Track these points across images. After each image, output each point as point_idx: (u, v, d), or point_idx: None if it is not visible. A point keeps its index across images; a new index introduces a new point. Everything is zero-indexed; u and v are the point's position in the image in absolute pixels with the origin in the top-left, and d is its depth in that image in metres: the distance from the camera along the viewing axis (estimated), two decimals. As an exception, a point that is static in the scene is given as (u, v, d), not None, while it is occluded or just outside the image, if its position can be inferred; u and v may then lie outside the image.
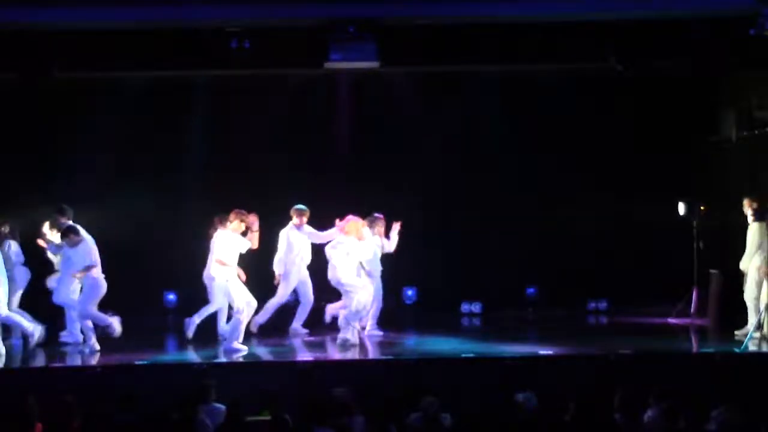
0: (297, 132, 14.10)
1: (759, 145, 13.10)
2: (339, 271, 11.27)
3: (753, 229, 11.05)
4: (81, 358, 10.80)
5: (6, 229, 11.58)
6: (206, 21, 11.39)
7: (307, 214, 11.90)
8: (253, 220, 11.25)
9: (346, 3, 11.23)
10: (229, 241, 10.98)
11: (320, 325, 12.00)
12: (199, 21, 11.38)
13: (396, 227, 12.02)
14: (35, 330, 11.00)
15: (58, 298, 11.33)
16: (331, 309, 11.99)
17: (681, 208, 13.03)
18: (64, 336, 11.51)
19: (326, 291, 11.88)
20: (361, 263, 11.52)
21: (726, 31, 11.59)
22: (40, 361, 10.75)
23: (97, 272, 10.90)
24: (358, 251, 11.40)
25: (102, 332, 11.09)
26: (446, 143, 14.10)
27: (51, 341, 11.37)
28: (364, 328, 11.97)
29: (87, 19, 11.18)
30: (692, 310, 12.69)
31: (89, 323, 10.94)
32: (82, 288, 11.08)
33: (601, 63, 12.48)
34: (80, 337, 11.31)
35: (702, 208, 12.84)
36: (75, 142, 13.64)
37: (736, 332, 11.14)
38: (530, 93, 13.88)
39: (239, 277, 11.00)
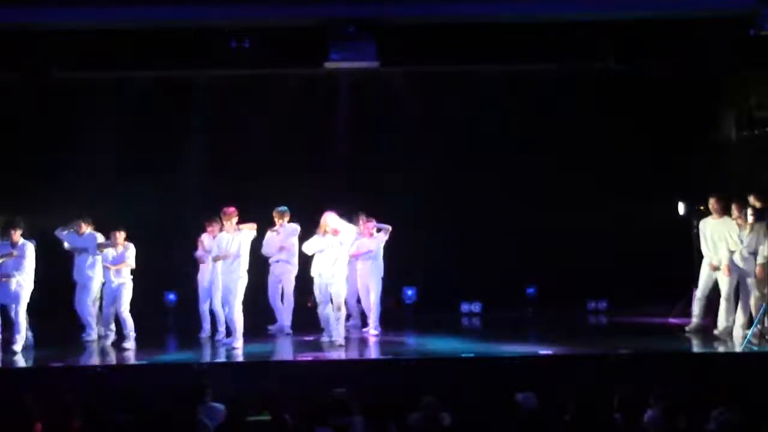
0: (297, 132, 14.11)
1: (759, 145, 13.10)
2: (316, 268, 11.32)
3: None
4: (89, 357, 10.88)
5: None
6: (206, 21, 11.39)
7: (287, 215, 12.00)
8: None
9: (346, 3, 11.23)
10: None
11: (315, 326, 11.97)
12: (199, 21, 11.38)
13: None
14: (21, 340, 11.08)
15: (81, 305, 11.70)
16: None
17: (681, 208, 13.02)
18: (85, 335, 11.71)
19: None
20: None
21: (726, 31, 11.59)
22: (40, 361, 10.75)
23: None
24: (335, 246, 11.32)
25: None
26: (446, 143, 14.10)
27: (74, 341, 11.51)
28: (365, 328, 12.05)
29: (87, 19, 11.18)
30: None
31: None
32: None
33: (601, 63, 12.49)
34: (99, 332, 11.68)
35: (702, 208, 12.83)
36: (75, 142, 13.65)
37: (715, 331, 11.25)
38: (530, 93, 13.88)
39: None
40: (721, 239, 11.23)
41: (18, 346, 10.91)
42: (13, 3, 10.97)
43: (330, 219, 11.20)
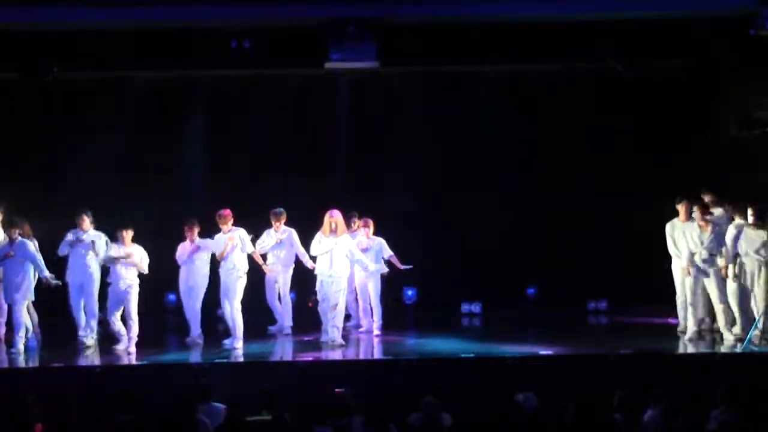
0: (297, 132, 14.11)
1: (759, 145, 13.09)
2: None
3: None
4: (89, 357, 10.85)
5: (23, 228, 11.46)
6: (206, 21, 11.40)
7: (283, 216, 11.98)
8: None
9: (346, 3, 11.25)
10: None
11: (315, 325, 11.96)
12: (199, 21, 11.39)
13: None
14: (20, 340, 10.99)
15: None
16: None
17: (681, 208, 13.00)
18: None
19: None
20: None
21: (726, 31, 11.60)
22: (40, 361, 10.74)
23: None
24: (339, 245, 11.31)
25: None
26: (446, 143, 14.10)
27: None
28: (369, 331, 12.06)
29: (87, 19, 11.20)
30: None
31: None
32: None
33: (601, 63, 12.49)
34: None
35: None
36: (75, 143, 13.65)
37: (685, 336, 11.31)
38: (530, 93, 13.89)
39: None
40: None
41: (18, 347, 10.88)
42: (13, 3, 10.99)
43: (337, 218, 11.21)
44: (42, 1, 10.98)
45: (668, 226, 11.61)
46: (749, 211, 10.95)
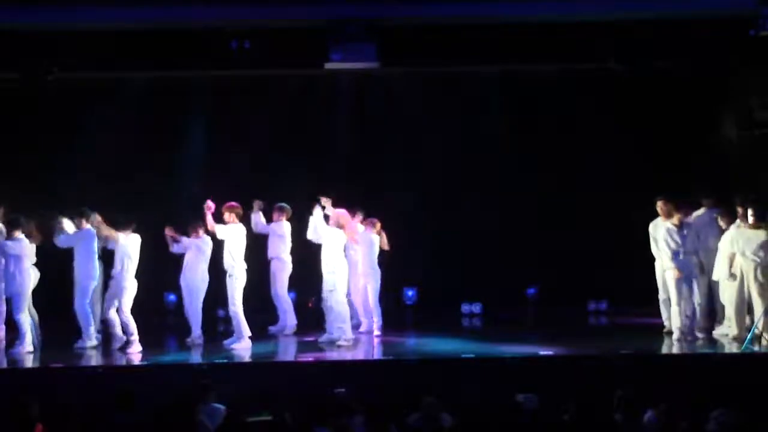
0: (297, 132, 14.12)
1: (759, 145, 13.09)
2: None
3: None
4: (89, 358, 10.83)
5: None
6: (206, 21, 11.41)
7: (286, 212, 12.08)
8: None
9: (346, 3, 11.26)
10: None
11: (315, 325, 11.97)
12: (199, 21, 11.40)
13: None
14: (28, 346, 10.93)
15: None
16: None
17: (681, 208, 12.99)
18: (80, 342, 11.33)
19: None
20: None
21: (726, 31, 11.60)
22: (40, 361, 10.73)
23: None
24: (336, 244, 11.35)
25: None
26: (446, 143, 14.11)
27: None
28: (369, 331, 12.06)
29: (87, 19, 11.20)
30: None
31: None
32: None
33: (601, 63, 12.49)
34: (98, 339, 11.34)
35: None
36: (75, 143, 13.66)
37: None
38: (530, 93, 13.89)
39: None
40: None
41: (20, 347, 10.86)
42: (13, 3, 10.99)
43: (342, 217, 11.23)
44: (42, 1, 10.98)
45: (651, 227, 11.62)
46: (749, 212, 10.93)
